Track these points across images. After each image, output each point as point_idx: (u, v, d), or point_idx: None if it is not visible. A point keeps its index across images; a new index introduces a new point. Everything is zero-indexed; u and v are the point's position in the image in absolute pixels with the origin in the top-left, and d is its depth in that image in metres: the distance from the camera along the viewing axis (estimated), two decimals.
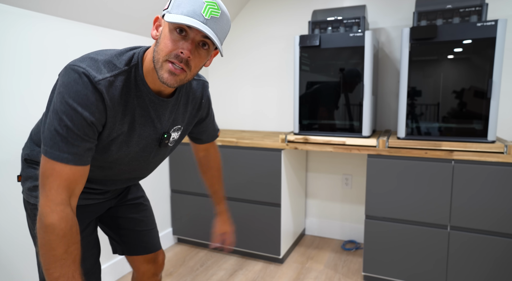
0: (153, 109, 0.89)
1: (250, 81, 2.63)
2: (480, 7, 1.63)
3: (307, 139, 1.93)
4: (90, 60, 0.80)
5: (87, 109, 0.76)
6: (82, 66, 0.78)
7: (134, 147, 0.93)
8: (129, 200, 1.18)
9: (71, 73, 0.77)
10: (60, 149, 0.76)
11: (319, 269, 2.08)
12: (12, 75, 1.40)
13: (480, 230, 1.62)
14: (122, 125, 0.86)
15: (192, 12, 0.75)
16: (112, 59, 0.82)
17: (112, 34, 1.85)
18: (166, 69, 0.78)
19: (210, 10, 0.77)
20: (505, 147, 1.55)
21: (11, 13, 1.38)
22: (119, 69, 0.82)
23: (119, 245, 1.20)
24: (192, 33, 0.77)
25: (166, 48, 0.78)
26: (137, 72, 0.85)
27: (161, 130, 0.95)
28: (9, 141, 1.41)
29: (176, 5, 0.77)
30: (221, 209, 1.33)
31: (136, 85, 0.85)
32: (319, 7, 2.37)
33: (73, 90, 0.76)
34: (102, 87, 0.78)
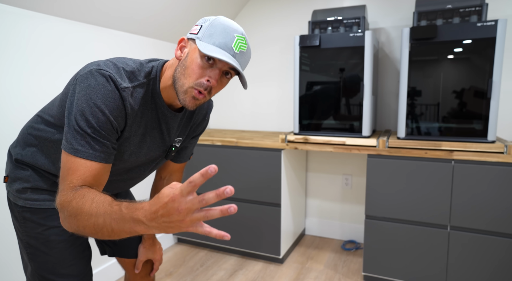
0: (164, 122, 0.92)
1: (250, 81, 2.63)
2: (480, 7, 1.63)
3: (307, 139, 1.93)
4: (114, 67, 0.81)
5: (112, 113, 0.78)
6: (109, 71, 0.79)
7: (143, 157, 0.95)
8: None
9: (98, 77, 0.78)
10: (93, 148, 0.76)
11: (319, 269, 2.08)
12: (13, 75, 1.40)
13: (480, 230, 1.62)
14: (136, 136, 0.88)
15: (224, 45, 0.79)
16: (134, 70, 0.85)
17: (112, 34, 1.85)
18: (190, 95, 0.81)
19: (240, 45, 0.81)
20: (505, 147, 1.55)
21: (12, 13, 1.38)
22: (138, 81, 0.84)
23: (108, 246, 1.18)
24: (220, 64, 0.81)
25: (194, 74, 0.80)
26: (154, 85, 0.87)
27: (169, 143, 0.98)
28: (9, 141, 1.41)
29: (208, 35, 0.80)
30: (149, 235, 1.19)
31: (152, 98, 0.87)
32: (319, 7, 2.37)
33: (101, 93, 0.77)
34: (126, 95, 0.80)
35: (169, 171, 1.18)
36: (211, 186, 2.21)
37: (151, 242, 1.20)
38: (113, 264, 1.94)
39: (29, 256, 0.95)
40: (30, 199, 0.94)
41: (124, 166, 0.94)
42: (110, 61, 0.83)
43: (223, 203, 2.20)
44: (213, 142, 2.15)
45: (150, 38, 2.10)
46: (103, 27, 1.79)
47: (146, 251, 1.18)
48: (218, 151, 2.16)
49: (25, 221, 0.94)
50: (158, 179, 1.19)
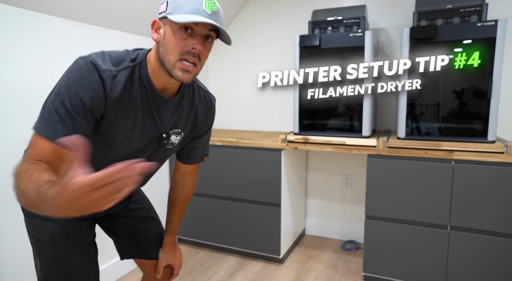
0: (155, 107, 0.91)
1: (250, 81, 2.63)
2: (480, 7, 1.63)
3: (307, 139, 1.93)
4: (99, 53, 0.85)
5: (87, 94, 0.78)
6: (91, 56, 0.82)
7: (136, 143, 0.93)
8: (131, 210, 1.16)
9: (79, 61, 0.81)
10: (56, 129, 0.75)
11: (319, 269, 2.08)
12: (12, 75, 1.40)
13: (480, 230, 1.62)
14: (125, 120, 0.87)
15: (196, 9, 0.79)
16: (119, 56, 0.85)
17: (112, 34, 1.85)
18: (179, 68, 0.82)
19: (210, 5, 0.81)
20: (505, 147, 1.55)
21: (12, 13, 1.38)
22: (123, 66, 0.85)
23: (128, 248, 1.18)
24: (198, 29, 0.81)
25: (176, 47, 0.81)
26: (141, 70, 0.87)
27: (162, 129, 0.95)
28: (9, 142, 1.41)
29: (177, 7, 0.80)
30: (170, 240, 1.21)
31: (140, 82, 0.87)
32: (319, 7, 2.37)
33: (77, 75, 0.79)
34: (106, 76, 0.80)
35: (182, 173, 1.18)
36: (212, 186, 2.21)
37: (171, 247, 1.21)
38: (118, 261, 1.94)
39: (37, 250, 0.98)
40: None
41: (119, 153, 0.92)
42: (98, 51, 0.85)
43: (222, 200, 2.20)
44: (213, 142, 2.15)
45: (150, 38, 2.10)
46: (103, 27, 1.79)
47: (166, 256, 1.19)
48: (218, 151, 2.16)
49: (34, 217, 0.97)
50: (173, 183, 1.20)
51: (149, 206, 1.25)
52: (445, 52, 1.64)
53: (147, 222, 1.19)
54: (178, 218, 1.21)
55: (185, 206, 1.23)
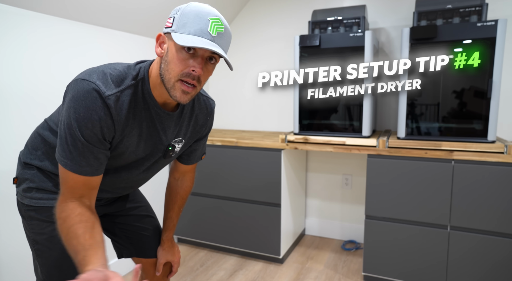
0: (159, 122, 0.92)
1: (250, 81, 2.63)
2: (480, 7, 1.63)
3: (307, 139, 1.93)
4: (100, 73, 0.81)
5: (96, 125, 0.79)
6: (92, 80, 0.79)
7: (141, 155, 0.95)
8: (129, 209, 1.17)
9: (81, 87, 0.79)
10: (79, 163, 0.81)
11: (319, 269, 2.08)
12: (12, 75, 1.40)
13: (480, 230, 1.62)
14: (131, 138, 0.89)
15: (200, 31, 0.77)
16: (121, 74, 0.84)
17: (112, 34, 1.85)
18: (179, 89, 0.81)
19: (216, 27, 0.79)
20: (505, 147, 1.55)
21: (12, 13, 1.38)
22: (126, 85, 0.84)
23: (126, 247, 1.19)
24: (201, 51, 0.80)
25: (177, 68, 0.80)
26: (144, 86, 0.86)
27: (166, 142, 0.97)
28: (8, 142, 1.41)
29: (182, 25, 0.78)
30: (168, 237, 1.21)
31: (143, 98, 0.87)
32: (319, 7, 2.37)
33: (83, 106, 0.78)
34: (111, 102, 0.80)
35: (181, 172, 1.20)
36: (212, 186, 2.21)
37: (170, 244, 1.21)
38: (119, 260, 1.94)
39: (36, 252, 0.99)
40: (35, 197, 0.96)
41: (125, 162, 0.95)
42: (97, 68, 0.83)
43: (222, 200, 2.19)
44: (213, 142, 2.15)
45: (150, 38, 2.10)
46: (103, 27, 1.79)
47: (165, 253, 1.20)
48: (218, 151, 2.16)
49: (31, 219, 0.97)
50: (172, 180, 1.22)
51: (146, 204, 1.25)
52: (445, 52, 1.64)
53: (144, 220, 1.20)
54: (177, 214, 1.23)
55: (184, 203, 1.24)
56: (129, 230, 1.17)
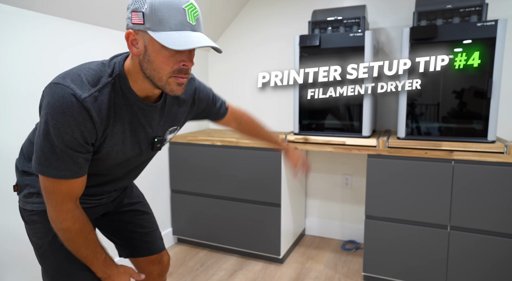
0: (142, 115, 0.90)
1: (250, 82, 2.63)
2: (480, 7, 1.63)
3: (307, 139, 1.93)
4: (74, 75, 0.78)
5: (75, 130, 0.77)
6: (67, 84, 0.76)
7: (130, 153, 0.94)
8: (126, 205, 1.17)
9: (56, 92, 0.76)
10: (57, 167, 0.79)
11: (319, 269, 2.07)
12: (12, 75, 1.40)
13: (480, 230, 1.62)
14: (114, 136, 0.87)
15: (180, 25, 0.74)
16: (96, 73, 0.81)
17: (112, 34, 1.85)
18: (174, 84, 0.80)
19: (193, 13, 0.76)
20: (505, 147, 1.55)
21: (11, 13, 1.38)
22: (103, 83, 0.81)
23: (123, 248, 1.20)
24: None
25: (166, 66, 0.77)
26: (122, 82, 0.84)
27: (152, 134, 0.95)
28: (8, 141, 1.41)
29: (158, 21, 0.73)
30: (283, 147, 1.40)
31: (123, 94, 0.84)
32: (319, 7, 2.37)
33: (60, 112, 0.75)
34: (89, 104, 0.77)
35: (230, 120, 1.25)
36: (212, 186, 2.21)
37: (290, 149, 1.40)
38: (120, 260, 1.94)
39: (41, 257, 0.98)
40: (37, 202, 0.96)
41: (114, 162, 0.94)
42: (70, 71, 0.80)
43: (222, 200, 2.20)
44: (213, 142, 2.15)
45: None
46: (103, 27, 1.79)
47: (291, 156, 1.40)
48: (218, 151, 2.16)
49: (35, 223, 0.97)
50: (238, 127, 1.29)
51: (142, 200, 1.25)
52: (445, 52, 1.64)
53: (140, 218, 1.20)
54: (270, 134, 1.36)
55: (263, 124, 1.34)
56: (124, 228, 1.17)
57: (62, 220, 0.83)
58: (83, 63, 0.85)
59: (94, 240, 0.91)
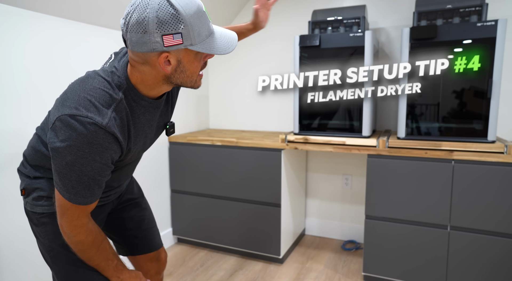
0: (158, 110, 0.95)
1: (250, 81, 2.63)
2: (480, 7, 1.63)
3: (307, 139, 1.93)
4: (84, 102, 0.76)
5: (105, 155, 0.79)
6: (83, 114, 0.74)
7: (148, 147, 1.01)
8: (127, 200, 1.19)
9: (76, 125, 0.74)
10: (83, 195, 0.81)
11: (319, 269, 2.08)
12: (12, 75, 1.40)
13: (480, 230, 1.62)
14: (137, 144, 0.92)
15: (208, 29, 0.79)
16: (105, 93, 0.79)
17: (112, 34, 1.85)
18: (199, 79, 0.86)
19: (206, 10, 0.81)
20: (505, 147, 1.55)
21: (11, 13, 1.38)
22: (116, 101, 0.80)
23: (122, 246, 1.21)
24: None
25: (197, 69, 0.83)
26: (132, 93, 0.84)
27: (163, 122, 1.01)
28: (9, 142, 1.41)
29: (197, 35, 0.76)
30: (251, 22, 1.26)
31: (136, 104, 0.86)
32: (319, 7, 2.37)
33: (86, 142, 0.74)
34: (113, 128, 0.77)
35: None
36: (212, 186, 2.21)
37: None
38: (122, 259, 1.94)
39: (52, 259, 0.97)
40: (46, 205, 0.96)
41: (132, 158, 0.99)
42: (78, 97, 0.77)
43: (222, 200, 2.20)
44: (213, 142, 2.15)
45: None
46: (103, 27, 1.79)
47: None
48: (218, 151, 2.16)
49: (45, 225, 0.96)
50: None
51: (142, 196, 1.26)
52: (445, 52, 1.64)
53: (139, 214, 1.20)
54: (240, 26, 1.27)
55: None
56: (123, 226, 1.18)
57: (76, 234, 0.85)
58: (83, 83, 0.81)
59: (106, 248, 0.93)
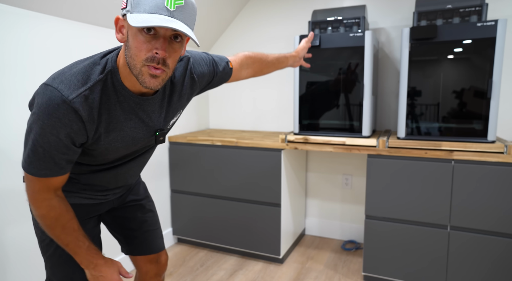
0: (140, 110, 0.88)
1: (250, 81, 2.63)
2: (480, 7, 1.63)
3: (307, 139, 1.93)
4: (64, 75, 0.77)
5: (60, 132, 0.77)
6: (55, 85, 0.76)
7: (132, 148, 0.94)
8: (131, 201, 1.18)
9: (45, 94, 0.75)
10: (37, 166, 0.80)
11: (319, 269, 2.08)
12: (11, 75, 1.40)
13: (480, 230, 1.62)
14: (110, 133, 0.86)
15: (155, 7, 0.71)
16: (86, 71, 0.79)
17: (112, 34, 1.85)
18: (146, 74, 0.75)
19: (173, 0, 0.72)
20: (505, 147, 1.55)
21: (12, 14, 1.38)
22: (94, 80, 0.79)
23: (123, 245, 1.20)
24: (162, 30, 0.73)
25: (139, 52, 0.74)
26: (114, 78, 0.82)
27: (154, 128, 0.94)
28: (9, 142, 1.41)
29: (136, 3, 0.72)
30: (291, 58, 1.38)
31: (115, 91, 0.82)
32: (319, 7, 2.37)
33: (46, 113, 0.75)
34: (78, 104, 0.76)
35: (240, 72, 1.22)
36: (212, 186, 2.21)
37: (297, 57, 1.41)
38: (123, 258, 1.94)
39: (42, 250, 1.00)
40: None
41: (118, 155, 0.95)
42: (62, 71, 0.79)
43: (222, 200, 2.20)
44: (213, 142, 2.15)
45: None
46: (103, 27, 1.79)
47: None
48: (218, 151, 2.16)
49: None
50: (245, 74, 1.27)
51: (147, 197, 1.24)
52: (445, 52, 1.64)
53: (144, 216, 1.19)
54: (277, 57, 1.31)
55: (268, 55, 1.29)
56: (126, 225, 1.17)
57: (37, 207, 0.84)
58: (77, 60, 0.83)
59: (75, 228, 0.88)
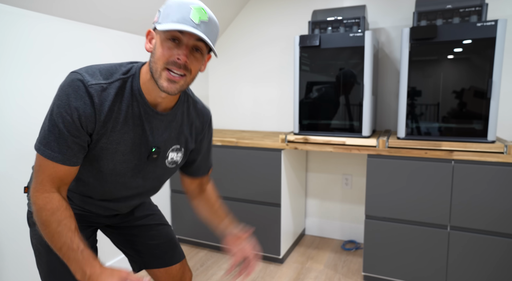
0: (147, 121, 0.89)
1: (250, 82, 2.63)
2: (480, 7, 1.63)
3: (307, 139, 1.93)
4: (90, 67, 0.84)
5: (74, 112, 0.80)
6: (79, 71, 0.82)
7: (129, 155, 0.91)
8: (137, 218, 1.15)
9: (69, 77, 0.82)
10: (51, 148, 0.81)
11: (319, 269, 2.08)
12: (11, 75, 1.40)
13: (480, 230, 1.62)
14: (115, 133, 0.85)
15: (182, 19, 0.78)
16: (111, 69, 0.86)
17: (112, 34, 1.85)
18: (165, 78, 0.81)
19: (198, 15, 0.79)
20: (505, 147, 1.55)
21: (10, 13, 1.38)
22: (115, 78, 0.85)
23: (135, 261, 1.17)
24: (185, 39, 0.80)
25: (162, 56, 0.80)
26: (134, 82, 0.87)
27: (152, 143, 0.92)
28: (8, 142, 1.41)
29: (165, 15, 0.80)
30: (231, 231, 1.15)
31: (132, 94, 0.86)
32: (319, 7, 2.37)
33: (65, 93, 0.80)
34: (93, 91, 0.81)
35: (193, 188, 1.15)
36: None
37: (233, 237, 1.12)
38: (120, 260, 1.94)
39: (36, 259, 0.99)
40: None
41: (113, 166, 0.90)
42: (91, 65, 0.86)
43: (222, 200, 2.20)
44: (213, 142, 2.15)
45: None
46: (103, 27, 1.79)
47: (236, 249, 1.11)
48: (218, 151, 2.16)
49: (34, 224, 0.97)
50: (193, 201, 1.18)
51: (157, 212, 1.22)
52: (445, 52, 1.64)
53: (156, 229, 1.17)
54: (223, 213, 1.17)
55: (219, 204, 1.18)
56: (137, 241, 1.15)
57: (36, 199, 0.82)
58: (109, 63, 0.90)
59: (71, 228, 0.82)
